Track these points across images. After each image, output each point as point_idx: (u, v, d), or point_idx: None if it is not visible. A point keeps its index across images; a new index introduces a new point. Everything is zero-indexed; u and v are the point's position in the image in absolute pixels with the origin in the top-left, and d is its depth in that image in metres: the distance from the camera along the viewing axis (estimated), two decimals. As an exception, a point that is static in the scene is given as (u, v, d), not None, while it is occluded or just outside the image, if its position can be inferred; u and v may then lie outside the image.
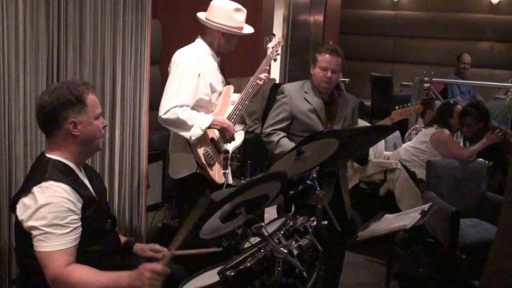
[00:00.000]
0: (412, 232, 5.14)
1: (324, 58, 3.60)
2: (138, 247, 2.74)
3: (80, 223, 2.29)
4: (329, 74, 3.58)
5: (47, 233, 2.19)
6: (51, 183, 2.25)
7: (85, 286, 2.20)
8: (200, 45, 3.52)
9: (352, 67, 9.88)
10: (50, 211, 2.20)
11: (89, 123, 2.39)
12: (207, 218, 1.94)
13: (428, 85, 7.32)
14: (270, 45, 3.82)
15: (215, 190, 3.30)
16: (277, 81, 5.46)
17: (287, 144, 3.56)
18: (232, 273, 2.09)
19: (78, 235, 2.28)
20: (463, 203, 4.75)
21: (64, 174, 2.32)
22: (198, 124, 3.28)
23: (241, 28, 3.50)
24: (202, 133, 3.29)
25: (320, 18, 8.02)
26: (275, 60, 3.89)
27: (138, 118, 3.79)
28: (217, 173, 3.46)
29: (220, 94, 3.59)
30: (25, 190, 2.28)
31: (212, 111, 3.51)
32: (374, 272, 4.75)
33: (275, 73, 6.07)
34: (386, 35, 11.16)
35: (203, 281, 2.30)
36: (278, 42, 3.87)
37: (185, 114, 3.27)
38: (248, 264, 2.12)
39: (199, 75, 3.36)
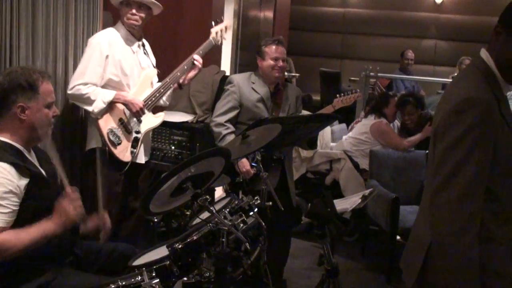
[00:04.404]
0: (356, 220, 5.38)
1: (274, 50, 3.78)
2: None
3: (17, 208, 2.36)
4: (280, 63, 3.76)
5: None
6: None
7: (15, 245, 2.26)
8: (116, 28, 3.65)
9: (302, 63, 10.08)
10: None
11: (38, 110, 2.47)
12: (155, 191, 2.08)
13: (374, 80, 7.60)
14: (213, 29, 3.87)
15: (121, 166, 3.50)
16: (227, 74, 5.58)
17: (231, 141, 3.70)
18: (180, 246, 2.24)
19: (13, 218, 2.34)
20: (403, 190, 4.97)
21: (10, 154, 2.39)
22: (100, 99, 3.44)
23: None
24: (104, 106, 3.45)
25: (270, 14, 8.17)
26: (218, 45, 3.91)
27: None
28: (123, 152, 3.55)
29: (138, 76, 3.69)
30: None
31: (127, 92, 3.62)
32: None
33: (226, 66, 6.19)
34: (335, 32, 11.42)
35: (153, 255, 2.44)
36: (225, 27, 3.91)
37: (88, 90, 3.43)
38: (195, 237, 2.27)
39: (107, 56, 3.50)
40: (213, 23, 3.91)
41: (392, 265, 4.61)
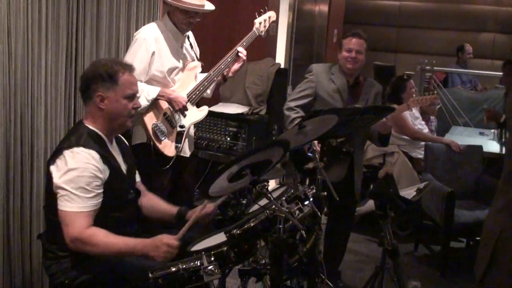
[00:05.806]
0: (410, 213, 5.34)
1: (348, 41, 3.84)
2: (190, 214, 2.77)
3: (102, 190, 2.47)
4: (353, 54, 3.80)
5: (72, 194, 2.38)
6: (81, 149, 2.44)
7: (102, 249, 2.38)
8: (162, 23, 3.62)
9: (356, 56, 9.99)
10: (78, 175, 2.40)
11: (115, 100, 2.56)
12: (218, 176, 2.14)
13: (430, 74, 7.49)
14: (257, 20, 3.86)
15: (166, 161, 3.53)
16: (282, 67, 5.62)
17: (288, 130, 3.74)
18: (238, 232, 2.29)
19: (99, 200, 2.46)
20: (459, 185, 4.91)
21: (96, 143, 2.52)
22: (144, 96, 3.43)
23: (193, 5, 3.50)
24: (148, 103, 3.44)
25: (325, 8, 8.15)
26: (262, 35, 3.89)
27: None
28: (167, 147, 3.58)
29: (182, 70, 3.71)
30: (59, 152, 2.48)
31: (171, 87, 3.63)
32: (372, 250, 4.94)
33: (281, 59, 6.23)
34: (390, 25, 11.27)
35: (211, 241, 2.50)
36: (269, 17, 3.91)
37: None
38: (252, 224, 2.33)
39: (153, 53, 3.49)
40: (256, 14, 3.91)
41: (446, 260, 4.58)
